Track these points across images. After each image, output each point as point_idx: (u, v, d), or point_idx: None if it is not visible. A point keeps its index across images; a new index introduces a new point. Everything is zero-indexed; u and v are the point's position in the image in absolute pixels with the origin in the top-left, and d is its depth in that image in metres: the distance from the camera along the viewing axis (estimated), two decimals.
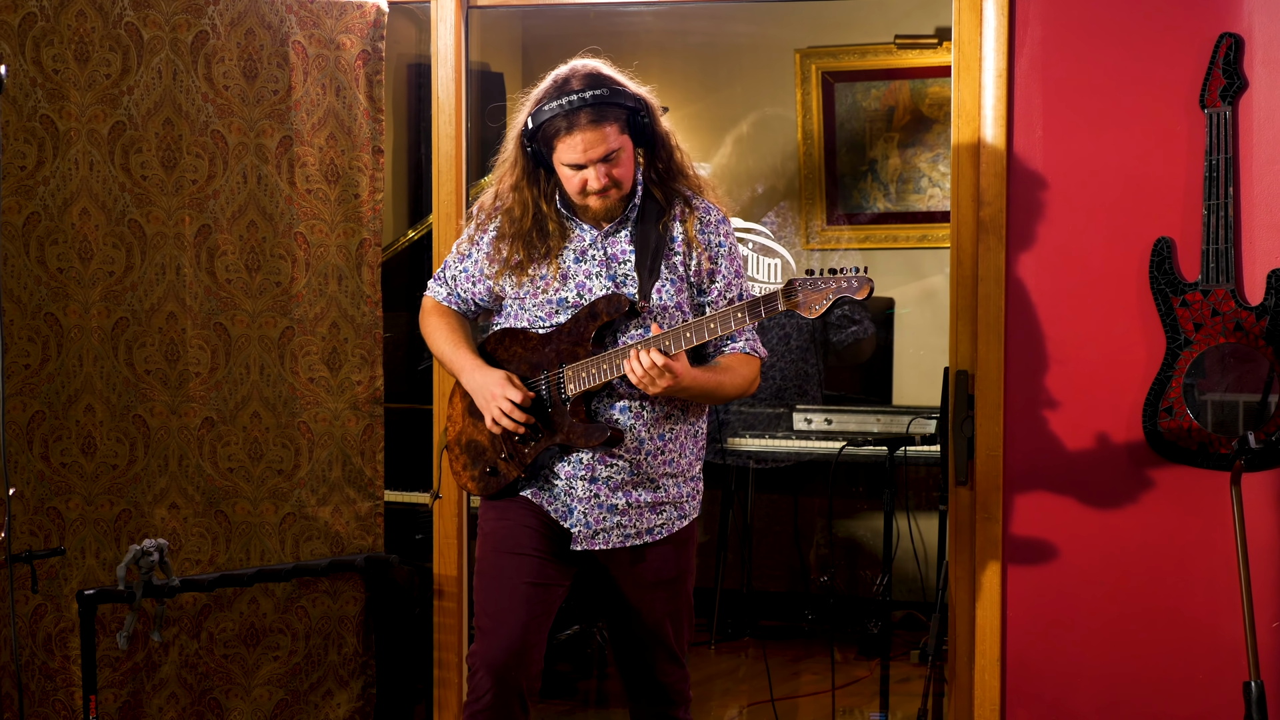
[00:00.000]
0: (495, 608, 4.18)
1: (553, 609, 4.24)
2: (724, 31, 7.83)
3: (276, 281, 5.11)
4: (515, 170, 4.18)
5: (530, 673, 4.17)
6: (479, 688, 4.14)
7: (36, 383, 4.96)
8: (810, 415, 7.01)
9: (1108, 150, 4.69)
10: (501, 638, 4.13)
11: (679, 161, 4.25)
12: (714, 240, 4.20)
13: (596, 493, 4.17)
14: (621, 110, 4.05)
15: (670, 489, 4.23)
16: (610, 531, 4.18)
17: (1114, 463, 4.71)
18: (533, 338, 4.20)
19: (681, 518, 4.27)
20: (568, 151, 4.02)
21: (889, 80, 7.74)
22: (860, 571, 7.68)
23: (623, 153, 4.05)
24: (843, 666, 6.92)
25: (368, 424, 5.21)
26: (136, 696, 5.08)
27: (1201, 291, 4.54)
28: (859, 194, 7.84)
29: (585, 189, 4.05)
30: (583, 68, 4.09)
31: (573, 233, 4.19)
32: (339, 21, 5.12)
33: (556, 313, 4.17)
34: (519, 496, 4.25)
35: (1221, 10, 4.58)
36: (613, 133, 4.02)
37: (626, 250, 4.16)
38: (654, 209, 4.19)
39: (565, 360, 4.13)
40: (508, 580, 4.18)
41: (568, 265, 4.16)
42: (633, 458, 4.16)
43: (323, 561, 5.13)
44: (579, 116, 3.98)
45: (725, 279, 4.21)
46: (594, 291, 4.14)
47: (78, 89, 4.93)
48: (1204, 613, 4.67)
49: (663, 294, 4.13)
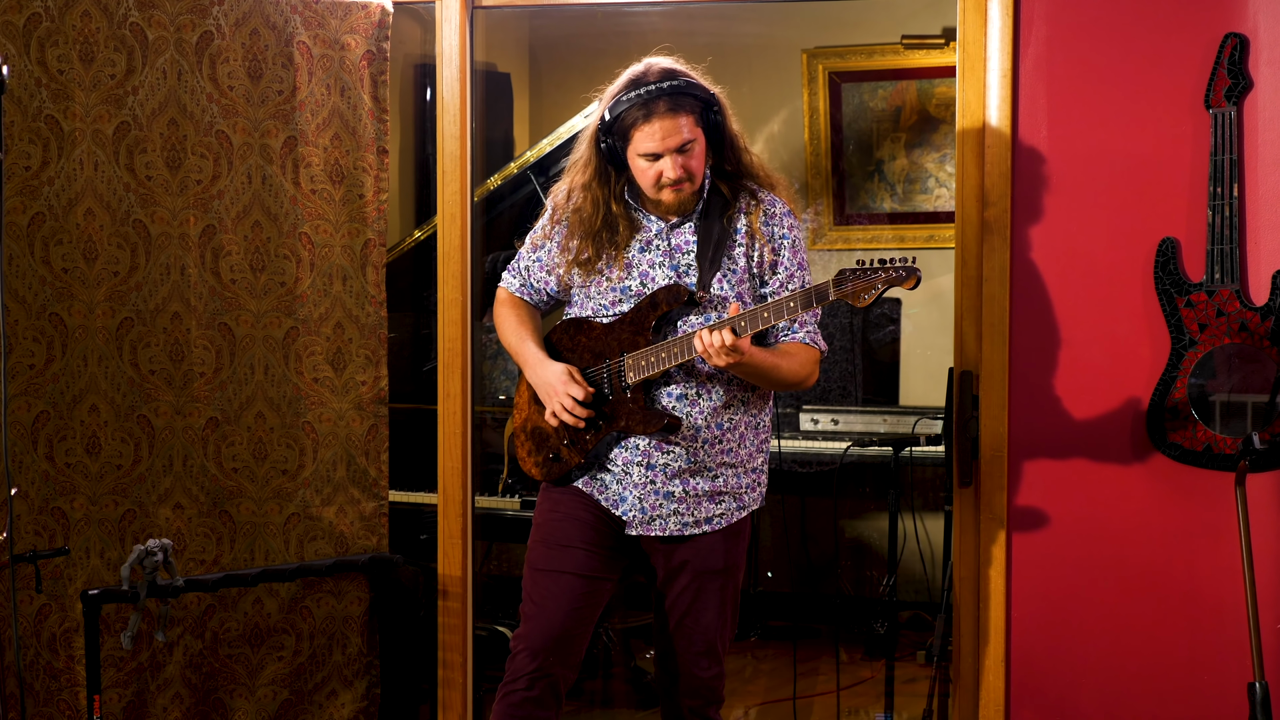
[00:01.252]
0: (541, 595, 4.24)
1: (600, 602, 4.29)
2: (731, 32, 7.81)
3: (281, 282, 5.11)
4: (588, 169, 4.26)
5: (569, 662, 4.24)
6: (519, 669, 4.20)
7: (41, 383, 4.96)
8: (817, 415, 7.00)
9: (1112, 150, 4.69)
10: (544, 623, 4.21)
11: (748, 161, 4.30)
12: (777, 232, 4.24)
13: (653, 479, 4.21)
14: (696, 102, 4.11)
15: (729, 479, 4.26)
16: (667, 519, 4.22)
17: (1118, 463, 4.71)
18: (596, 327, 4.26)
19: (740, 509, 4.30)
20: (645, 140, 4.08)
21: (896, 80, 7.72)
22: (867, 572, 7.67)
23: (696, 145, 4.12)
24: (849, 667, 6.92)
25: (372, 424, 5.21)
26: (141, 696, 5.09)
27: (1206, 292, 4.53)
28: (866, 194, 7.83)
29: (660, 181, 4.11)
30: (657, 64, 4.17)
31: (640, 224, 4.25)
32: (344, 22, 5.12)
33: (620, 301, 4.23)
34: (572, 486, 4.31)
35: (1226, 10, 4.58)
36: (688, 123, 4.08)
37: (690, 241, 4.21)
38: (719, 203, 4.24)
39: (626, 348, 4.19)
40: (554, 570, 4.25)
41: (633, 255, 4.23)
42: (689, 445, 4.19)
43: (327, 562, 5.13)
44: (657, 105, 4.06)
45: (788, 270, 4.24)
46: (656, 281, 4.20)
47: (82, 89, 4.93)
48: (1209, 613, 4.67)
49: (723, 284, 4.17)
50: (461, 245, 5.18)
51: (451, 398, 5.21)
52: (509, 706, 4.20)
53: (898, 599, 7.32)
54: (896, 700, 5.81)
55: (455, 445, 5.22)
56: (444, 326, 5.20)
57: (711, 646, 4.33)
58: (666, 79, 4.08)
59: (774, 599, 7.68)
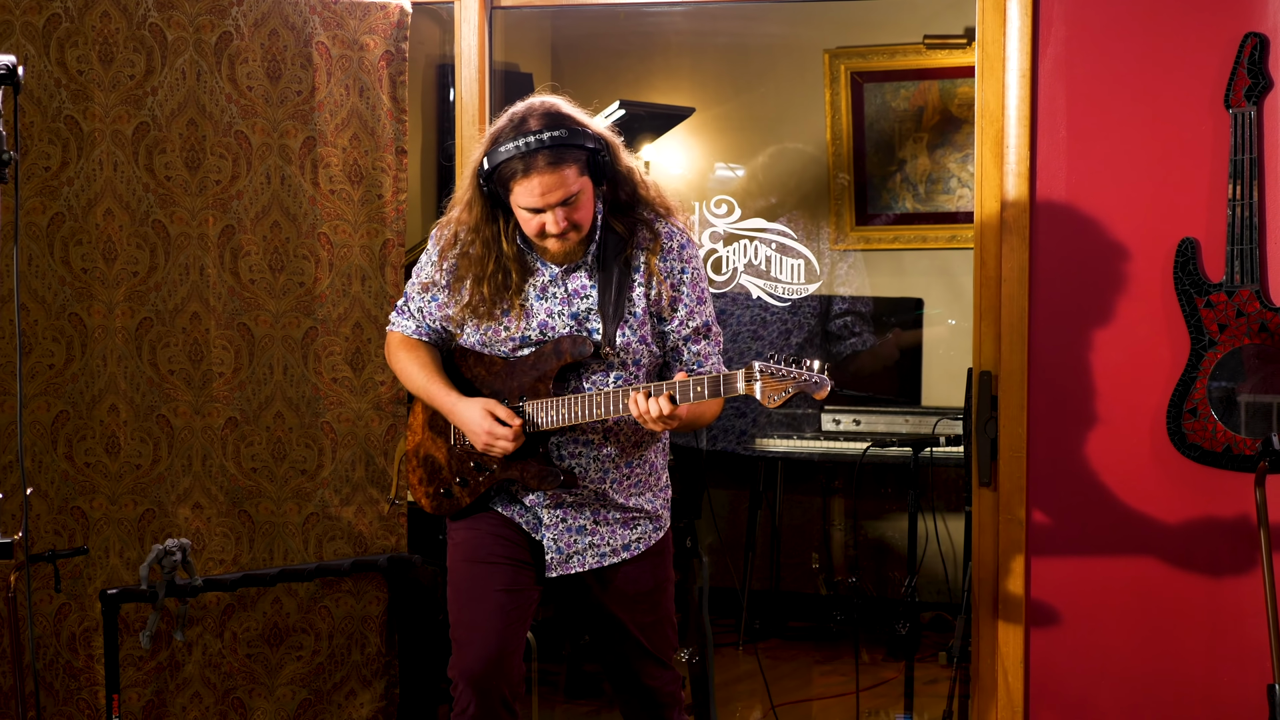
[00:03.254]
0: (470, 618, 4.13)
1: (528, 614, 4.19)
2: (753, 32, 7.81)
3: (300, 282, 5.12)
4: (473, 211, 4.06)
5: (511, 679, 4.12)
6: (461, 700, 4.11)
7: (61, 383, 4.98)
8: (839, 416, 6.98)
9: (1132, 150, 4.68)
10: (478, 648, 4.08)
11: (642, 193, 4.12)
12: (675, 268, 4.09)
13: (563, 517, 4.14)
14: (581, 151, 3.91)
15: (643, 505, 4.21)
16: (584, 554, 4.16)
17: (1137, 464, 4.70)
18: (497, 363, 4.14)
19: (657, 529, 4.24)
20: (525, 195, 3.89)
21: (918, 80, 7.71)
22: (889, 573, 7.66)
23: (582, 195, 3.93)
24: (870, 668, 6.91)
25: (391, 424, 5.21)
26: (160, 696, 5.10)
27: (1226, 292, 4.52)
28: (888, 194, 7.82)
29: (544, 232, 3.94)
30: (540, 105, 3.96)
31: (534, 268, 4.10)
32: (362, 22, 5.12)
33: (519, 349, 4.10)
34: (489, 507, 4.21)
35: (1246, 10, 4.56)
36: (572, 175, 3.88)
37: (587, 285, 4.07)
38: (615, 242, 4.08)
39: (526, 394, 4.07)
40: (481, 590, 4.14)
41: (530, 302, 4.09)
42: (597, 488, 4.13)
43: (345, 561, 5.14)
44: (536, 159, 3.84)
45: (688, 307, 4.10)
46: (556, 329, 4.07)
47: (102, 90, 4.95)
48: (1228, 615, 4.65)
49: (626, 333, 4.05)
50: None
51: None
52: None
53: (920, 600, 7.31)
54: (919, 701, 5.80)
55: None
56: None
57: (655, 657, 4.28)
58: (549, 127, 3.87)
59: (795, 599, 7.67)
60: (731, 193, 4.25)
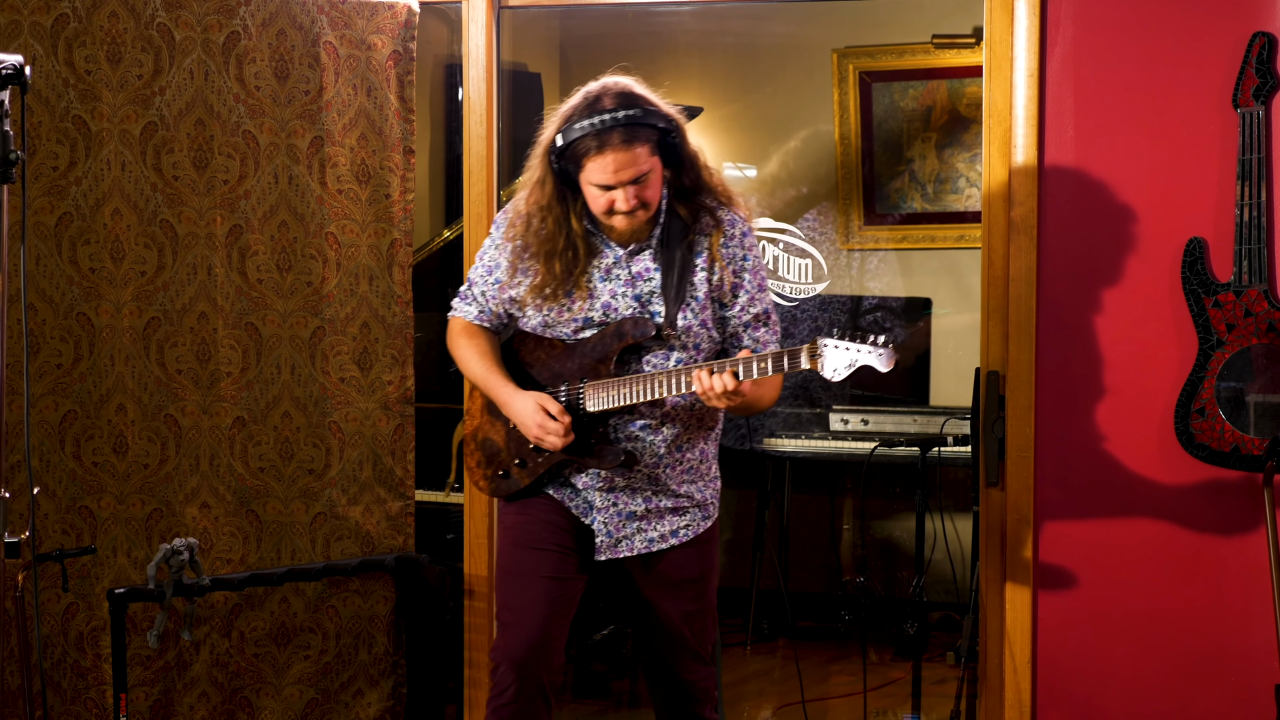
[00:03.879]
0: (517, 602, 4.20)
1: (574, 602, 4.25)
2: (761, 31, 7.81)
3: (308, 281, 5.12)
4: (544, 189, 4.12)
5: (552, 666, 4.19)
6: (501, 682, 4.17)
7: (69, 382, 4.99)
8: (847, 415, 6.99)
9: (1139, 150, 4.67)
10: (522, 632, 4.15)
11: (705, 179, 4.19)
12: (737, 254, 4.16)
13: (614, 501, 4.19)
14: (653, 131, 3.99)
15: (693, 493, 4.24)
16: (633, 538, 4.20)
17: (1145, 464, 4.69)
18: (557, 346, 4.20)
19: (705, 519, 4.27)
20: (597, 172, 3.96)
21: (926, 80, 7.71)
22: (897, 572, 7.66)
23: (652, 174, 4.01)
24: (879, 668, 6.91)
25: (398, 424, 5.21)
26: (168, 695, 5.10)
27: (1234, 292, 4.51)
28: (896, 194, 7.82)
29: (612, 209, 4.01)
30: (615, 85, 4.04)
31: (599, 250, 4.15)
32: (370, 22, 5.12)
33: (581, 330, 4.16)
34: (541, 492, 4.26)
35: (1254, 9, 4.55)
36: (643, 154, 3.96)
37: (651, 269, 4.13)
38: (679, 226, 4.15)
39: (587, 375, 4.13)
40: (529, 575, 4.20)
41: (594, 283, 4.14)
42: (650, 471, 4.17)
43: (353, 561, 5.14)
44: (611, 136, 3.92)
45: (749, 294, 4.17)
46: (619, 311, 4.13)
47: (110, 89, 4.95)
48: (1235, 614, 4.64)
49: (687, 315, 4.10)
50: None
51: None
52: None
53: (928, 600, 7.31)
54: (926, 701, 5.80)
55: None
56: None
57: (695, 650, 4.31)
58: (623, 106, 3.95)
59: (804, 599, 7.67)
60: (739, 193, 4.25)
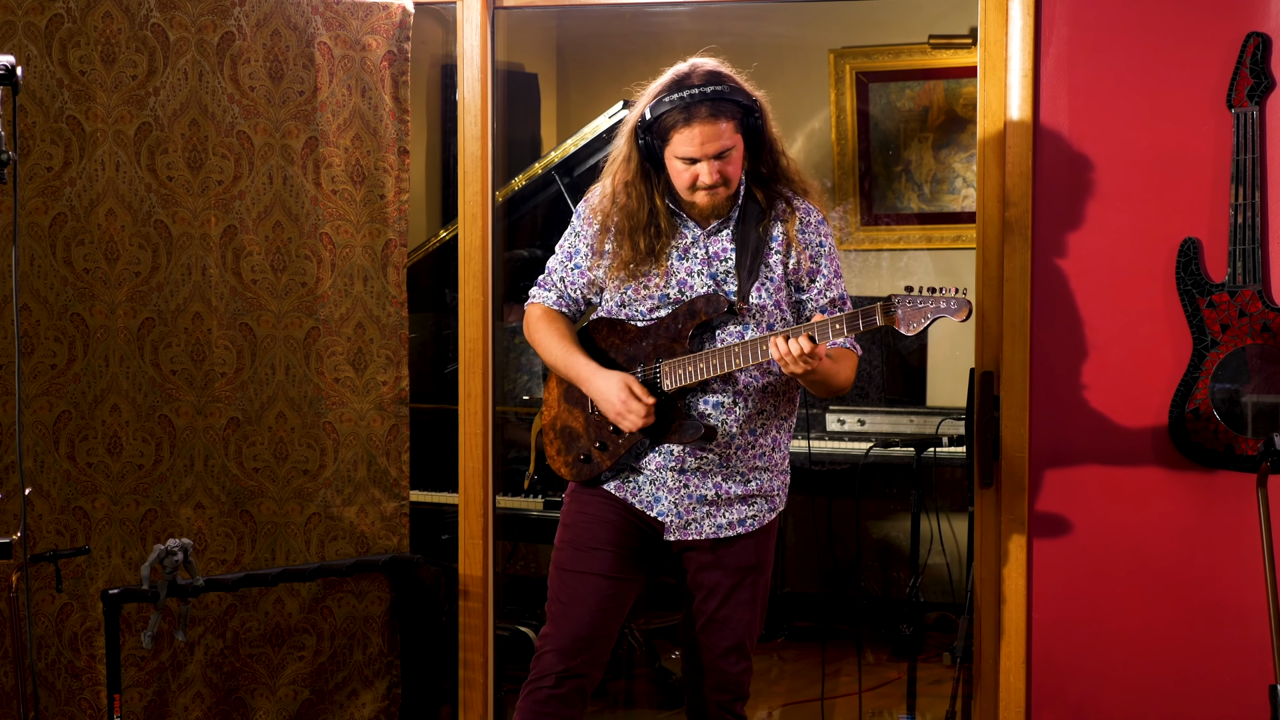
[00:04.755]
0: (568, 595, 4.25)
1: (626, 605, 4.29)
2: (758, 32, 7.80)
3: (302, 282, 5.12)
4: (629, 166, 4.21)
5: (597, 663, 4.25)
6: (546, 668, 4.21)
7: (63, 383, 4.99)
8: (844, 416, 6.99)
9: (1134, 150, 4.67)
10: (571, 623, 4.21)
11: (784, 166, 4.28)
12: (814, 240, 4.22)
13: (686, 483, 4.21)
14: (737, 108, 4.08)
15: (763, 482, 4.27)
16: (702, 522, 4.23)
17: (1140, 464, 4.69)
18: (630, 330, 4.26)
19: (771, 510, 4.31)
20: (683, 144, 4.05)
21: (923, 80, 7.71)
22: (894, 573, 7.66)
23: (735, 151, 4.09)
24: (875, 668, 6.91)
25: (393, 424, 5.21)
26: (162, 695, 5.10)
27: (1228, 292, 4.51)
28: (893, 195, 7.82)
29: (695, 184, 4.08)
30: (702, 65, 4.13)
31: (679, 229, 4.22)
32: (365, 22, 5.12)
33: (657, 308, 4.22)
34: (600, 489, 4.30)
35: (1248, 9, 4.55)
36: (728, 130, 4.05)
37: (727, 249, 4.19)
38: (755, 210, 4.22)
39: (662, 355, 4.18)
40: (583, 572, 4.25)
41: (672, 262, 4.20)
42: (723, 451, 4.20)
43: (347, 561, 5.14)
44: (698, 110, 4.02)
45: (826, 278, 4.23)
46: (694, 289, 4.18)
47: (104, 90, 4.95)
48: (1230, 615, 4.64)
49: (761, 294, 4.16)
50: (483, 245, 5.18)
51: (472, 398, 5.21)
52: (534, 704, 4.20)
53: (925, 600, 7.31)
54: (922, 701, 5.80)
55: (476, 445, 5.23)
56: (465, 326, 5.20)
57: (741, 642, 4.32)
58: (710, 83, 4.04)
59: (801, 599, 7.67)
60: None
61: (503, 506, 5.67)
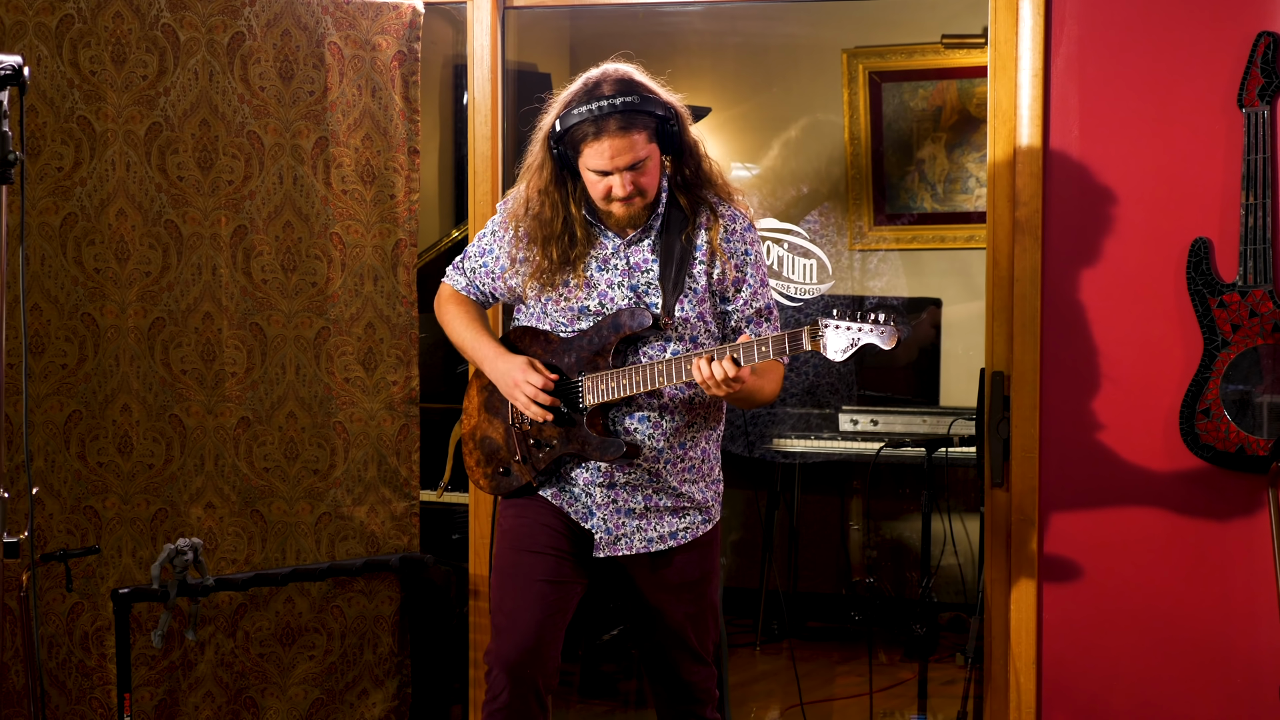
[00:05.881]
0: (511, 605, 4.18)
1: (570, 607, 4.23)
2: (771, 32, 7.80)
3: (312, 282, 5.12)
4: (543, 174, 4.14)
5: (547, 669, 4.17)
6: (495, 686, 4.15)
7: (74, 382, 5.00)
8: (856, 416, 6.98)
9: (1145, 150, 4.66)
10: (516, 635, 4.13)
11: (706, 170, 4.19)
12: (739, 249, 4.16)
13: (615, 498, 4.17)
14: (651, 118, 4.00)
15: (694, 494, 4.22)
16: (632, 536, 4.18)
17: (1150, 464, 4.68)
18: (554, 340, 4.19)
19: (706, 521, 4.26)
20: (594, 157, 3.98)
21: (936, 80, 7.69)
22: (907, 573, 7.65)
23: (649, 161, 4.02)
24: (888, 668, 6.90)
25: (403, 424, 5.22)
26: (173, 695, 5.11)
27: (1239, 292, 4.50)
28: (906, 194, 7.80)
29: (610, 195, 4.02)
30: (614, 72, 4.05)
31: (597, 239, 4.16)
32: (375, 22, 5.12)
33: (578, 319, 4.16)
34: (538, 496, 4.24)
35: (1259, 9, 4.54)
36: (640, 141, 3.97)
37: (649, 259, 4.13)
38: (678, 217, 4.15)
39: (584, 369, 4.12)
40: (524, 578, 4.18)
41: (591, 273, 4.14)
42: (651, 466, 4.15)
43: (358, 561, 5.14)
44: (608, 123, 3.94)
45: (751, 288, 4.17)
46: (616, 301, 4.12)
47: (114, 90, 4.96)
48: (1241, 615, 4.63)
49: (685, 306, 4.10)
50: None
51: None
52: None
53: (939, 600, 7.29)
54: (935, 701, 5.79)
55: None
56: None
57: (694, 652, 4.31)
58: (621, 93, 3.97)
59: (813, 600, 7.67)
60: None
61: None
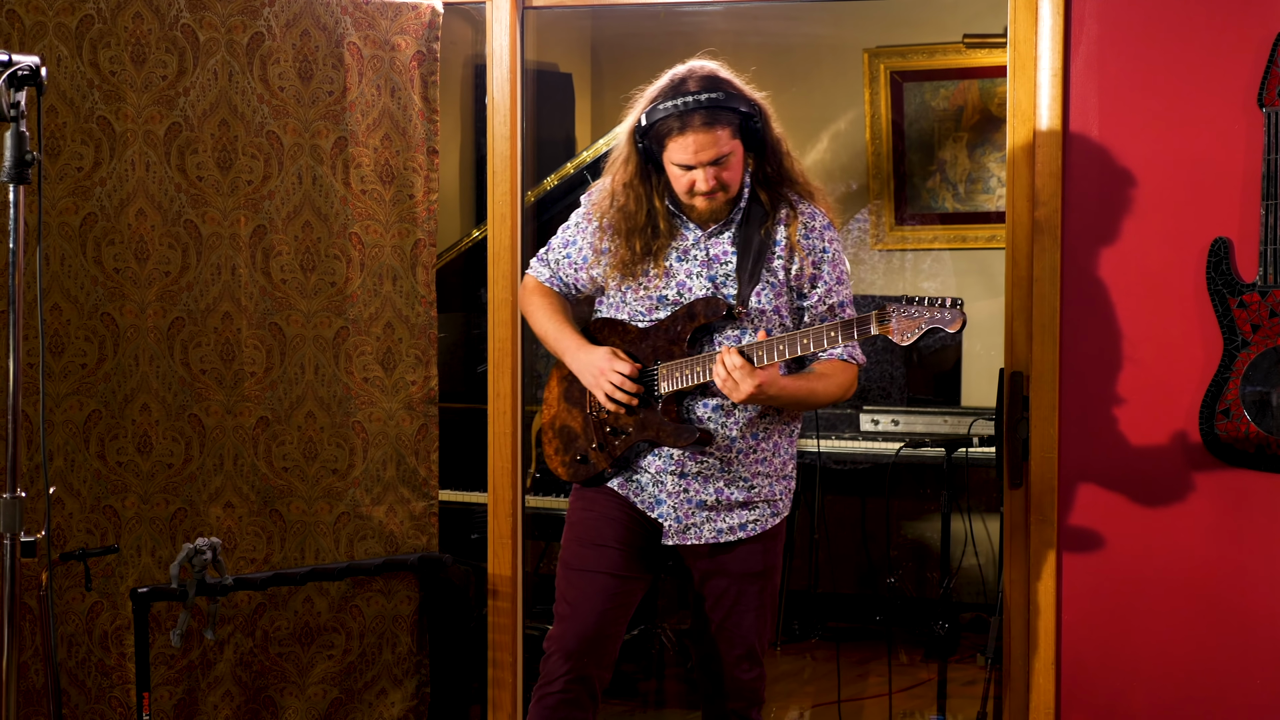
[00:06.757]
0: (575, 596, 4.23)
1: (632, 603, 4.29)
2: (792, 32, 7.80)
3: (331, 282, 5.13)
4: (628, 167, 4.20)
5: (604, 662, 4.22)
6: (553, 671, 4.19)
7: (93, 382, 5.01)
8: (878, 416, 6.97)
9: (1164, 149, 4.65)
10: (578, 624, 4.19)
11: (788, 167, 4.24)
12: (817, 245, 4.20)
13: (686, 487, 4.20)
14: (735, 114, 4.05)
15: (763, 487, 4.25)
16: (701, 526, 4.22)
17: (1170, 465, 4.67)
18: (631, 331, 4.25)
19: (774, 515, 4.29)
20: (678, 152, 4.04)
21: (958, 80, 7.68)
22: (928, 573, 7.64)
23: (732, 157, 4.06)
24: (909, 668, 6.89)
25: (422, 424, 5.22)
26: (192, 694, 5.12)
27: (1259, 292, 4.48)
28: (928, 194, 7.80)
29: (693, 189, 4.07)
30: (700, 69, 4.11)
31: (679, 231, 4.21)
32: (394, 22, 5.13)
33: (656, 309, 4.21)
34: (605, 487, 4.29)
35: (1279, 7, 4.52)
36: (724, 136, 4.03)
37: (728, 252, 4.18)
38: (759, 212, 4.19)
39: (660, 357, 4.17)
40: (589, 570, 4.24)
41: (671, 263, 4.19)
42: (723, 455, 4.19)
43: (376, 561, 5.14)
44: (692, 118, 4.00)
45: (827, 285, 4.20)
46: (694, 291, 4.17)
47: (134, 90, 4.97)
48: (1262, 616, 4.62)
49: (761, 298, 4.14)
50: (512, 245, 5.18)
51: (501, 397, 5.21)
52: (545, 710, 4.19)
53: (960, 600, 7.28)
54: (956, 702, 5.78)
55: (505, 445, 5.23)
56: (494, 326, 5.20)
57: (751, 649, 4.32)
58: (706, 89, 4.02)
59: (835, 600, 7.66)
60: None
61: (532, 505, 5.68)
